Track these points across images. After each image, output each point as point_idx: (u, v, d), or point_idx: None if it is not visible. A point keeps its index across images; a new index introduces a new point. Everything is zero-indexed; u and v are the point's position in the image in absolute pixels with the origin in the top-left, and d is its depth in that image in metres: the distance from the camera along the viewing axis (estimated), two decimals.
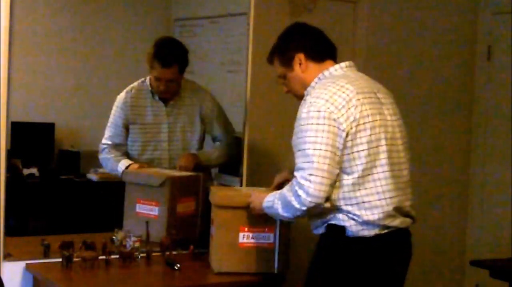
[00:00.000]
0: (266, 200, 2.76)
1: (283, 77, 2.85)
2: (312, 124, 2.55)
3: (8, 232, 2.99)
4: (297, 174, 2.54)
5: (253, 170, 3.68)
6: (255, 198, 2.86)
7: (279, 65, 2.84)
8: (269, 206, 2.73)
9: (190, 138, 3.61)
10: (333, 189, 2.58)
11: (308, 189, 2.50)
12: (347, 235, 2.63)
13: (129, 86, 3.57)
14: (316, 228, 2.74)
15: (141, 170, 3.44)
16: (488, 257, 4.39)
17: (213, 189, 3.13)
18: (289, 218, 2.65)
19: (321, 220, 2.68)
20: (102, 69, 3.85)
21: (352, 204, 2.60)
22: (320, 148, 2.52)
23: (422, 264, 4.72)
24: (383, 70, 4.52)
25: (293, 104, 4.06)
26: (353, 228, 2.62)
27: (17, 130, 3.21)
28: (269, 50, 2.90)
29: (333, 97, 2.60)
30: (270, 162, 4.02)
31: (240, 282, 2.92)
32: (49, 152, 3.70)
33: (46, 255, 3.04)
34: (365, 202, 2.61)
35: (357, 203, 2.60)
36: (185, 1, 4.12)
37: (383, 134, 2.65)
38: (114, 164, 3.52)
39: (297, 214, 2.58)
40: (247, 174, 3.62)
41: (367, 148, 2.59)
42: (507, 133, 4.75)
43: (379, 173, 2.62)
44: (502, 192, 4.78)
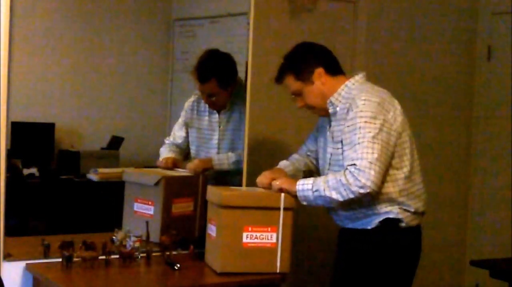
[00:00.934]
0: (301, 183, 2.91)
1: (298, 94, 3.03)
2: (369, 123, 2.82)
3: (8, 232, 2.99)
4: (356, 162, 2.77)
5: (253, 170, 3.68)
6: (284, 180, 3.00)
7: (295, 81, 3.01)
8: (307, 188, 2.88)
9: (237, 149, 3.61)
10: (389, 183, 2.88)
11: (369, 175, 2.75)
12: (400, 226, 2.93)
13: (196, 92, 3.66)
14: (361, 222, 2.95)
15: (140, 169, 3.45)
16: (488, 257, 4.39)
17: (213, 189, 3.11)
18: (336, 200, 2.82)
19: (374, 214, 2.92)
20: (102, 69, 3.85)
21: (404, 195, 2.92)
22: (378, 143, 2.80)
23: (422, 263, 4.72)
24: (383, 70, 4.53)
25: (293, 104, 4.07)
26: (407, 219, 2.93)
27: (17, 130, 3.21)
28: (279, 70, 3.05)
29: (382, 101, 2.89)
30: (270, 161, 4.02)
31: (240, 282, 2.92)
32: (49, 152, 3.69)
33: (46, 255, 3.04)
34: (412, 192, 2.96)
35: (407, 194, 2.93)
36: (185, 1, 4.12)
37: (411, 133, 3.00)
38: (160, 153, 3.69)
39: (350, 197, 2.79)
40: (247, 174, 3.62)
41: (409, 145, 2.95)
42: (507, 133, 4.75)
43: (416, 166, 2.99)
44: (502, 192, 4.78)
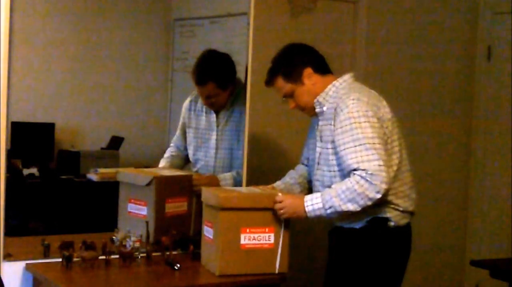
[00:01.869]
0: (310, 204, 2.85)
1: (289, 95, 3.02)
2: (364, 122, 2.79)
3: (8, 232, 2.99)
4: (364, 165, 2.74)
5: (253, 170, 3.68)
6: (288, 204, 2.90)
7: (285, 83, 3.00)
8: (318, 207, 2.83)
9: (236, 149, 3.59)
10: None
11: (382, 178, 2.73)
12: (389, 226, 2.90)
13: (194, 91, 3.64)
14: (351, 223, 2.93)
15: (133, 170, 3.47)
16: (488, 257, 4.39)
17: (210, 190, 3.08)
18: (354, 210, 2.78)
19: (361, 213, 2.84)
20: (102, 69, 3.85)
21: (391, 194, 2.86)
22: (379, 143, 2.78)
23: (422, 263, 4.73)
24: (383, 70, 4.53)
25: None
26: (396, 218, 2.91)
27: (17, 130, 3.21)
28: (268, 73, 3.04)
29: (371, 99, 2.87)
30: (270, 161, 4.02)
31: (240, 282, 2.92)
32: (49, 152, 3.69)
33: (46, 255, 3.04)
34: (400, 191, 2.92)
35: (395, 193, 2.89)
36: (185, 1, 4.11)
37: (400, 132, 2.96)
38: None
39: (368, 204, 2.76)
40: (247, 174, 3.62)
41: (398, 144, 2.91)
42: (507, 133, 4.75)
43: (404, 166, 2.95)
44: (502, 192, 4.78)
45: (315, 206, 2.84)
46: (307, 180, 3.18)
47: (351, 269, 2.96)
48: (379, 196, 2.75)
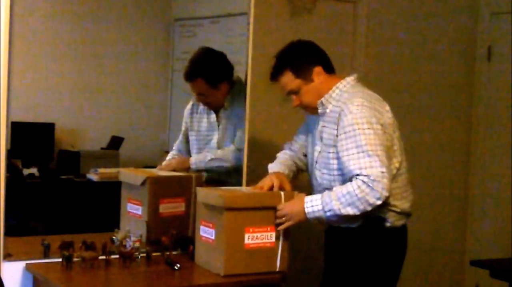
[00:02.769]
0: (309, 205, 2.86)
1: (295, 92, 2.99)
2: (367, 129, 2.80)
3: (8, 232, 2.99)
4: (366, 171, 2.75)
5: (252, 170, 3.68)
6: (289, 211, 2.91)
7: (294, 78, 2.97)
8: (317, 209, 2.84)
9: (238, 145, 3.59)
10: None
11: (384, 184, 2.75)
12: (385, 226, 2.91)
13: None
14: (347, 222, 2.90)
15: (132, 169, 3.47)
16: (488, 257, 4.39)
17: (210, 190, 3.06)
18: (354, 214, 2.79)
19: None
20: (102, 69, 3.85)
21: (389, 195, 2.83)
22: (381, 150, 2.80)
23: (422, 264, 4.73)
24: (383, 70, 4.53)
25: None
26: (392, 219, 2.92)
27: (17, 130, 3.21)
28: (273, 68, 3.01)
29: (374, 105, 2.88)
30: (270, 161, 4.02)
31: (242, 281, 2.92)
32: (49, 152, 3.69)
33: (46, 255, 3.04)
34: (398, 193, 2.93)
35: (393, 194, 2.87)
36: (185, 1, 4.12)
37: (399, 135, 2.99)
38: None
39: (367, 209, 2.78)
40: (247, 174, 3.62)
41: (398, 147, 2.94)
42: (507, 133, 4.75)
43: (403, 168, 2.97)
44: (502, 192, 4.78)
45: (314, 208, 2.85)
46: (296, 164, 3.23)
47: (347, 268, 2.97)
48: (379, 202, 2.76)
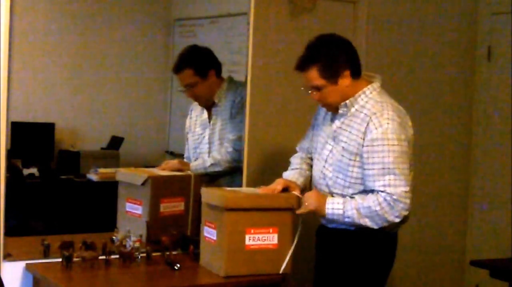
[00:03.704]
0: (331, 207, 2.87)
1: (317, 89, 2.90)
2: (397, 145, 2.81)
3: (8, 232, 2.99)
4: (390, 190, 2.77)
5: (252, 170, 3.68)
6: (314, 197, 2.93)
7: (319, 77, 2.88)
8: (337, 213, 2.86)
9: (227, 137, 3.61)
10: None
11: (405, 205, 2.79)
12: (380, 231, 2.87)
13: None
14: (338, 223, 2.91)
15: (131, 169, 3.48)
16: (488, 257, 4.39)
17: (213, 191, 3.07)
18: (371, 227, 2.84)
19: None
20: (102, 69, 3.85)
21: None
22: (406, 168, 2.82)
23: (422, 264, 4.73)
24: (383, 70, 4.52)
25: (293, 104, 4.07)
26: (389, 226, 2.88)
27: (17, 130, 3.21)
28: (301, 60, 2.91)
29: (403, 121, 2.88)
30: (269, 161, 4.02)
31: (241, 282, 2.91)
32: (49, 152, 3.70)
33: (46, 255, 3.04)
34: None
35: None
36: (185, 1, 4.12)
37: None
38: None
39: (384, 225, 2.83)
40: (247, 174, 3.62)
41: (414, 163, 2.94)
42: (507, 133, 4.75)
43: (412, 179, 2.93)
44: (502, 192, 4.78)
45: (335, 210, 2.86)
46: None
47: (337, 269, 2.97)
48: (397, 220, 2.80)
